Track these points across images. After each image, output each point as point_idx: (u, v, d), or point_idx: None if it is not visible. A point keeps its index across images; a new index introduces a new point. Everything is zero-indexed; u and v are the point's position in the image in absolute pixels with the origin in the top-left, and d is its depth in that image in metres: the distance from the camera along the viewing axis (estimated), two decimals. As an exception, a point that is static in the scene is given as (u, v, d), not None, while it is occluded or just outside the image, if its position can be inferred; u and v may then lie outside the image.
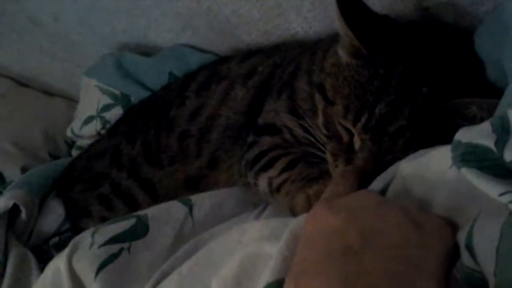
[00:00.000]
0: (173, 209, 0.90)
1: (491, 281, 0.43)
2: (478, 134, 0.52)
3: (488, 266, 0.43)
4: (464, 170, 0.50)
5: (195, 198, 0.92)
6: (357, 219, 0.51)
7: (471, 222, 0.48)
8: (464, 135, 0.55)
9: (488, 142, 0.50)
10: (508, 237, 0.43)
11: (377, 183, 0.66)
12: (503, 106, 0.55)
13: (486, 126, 0.53)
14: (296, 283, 0.49)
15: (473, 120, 0.69)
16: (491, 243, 0.43)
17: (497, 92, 0.64)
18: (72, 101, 1.64)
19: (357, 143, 0.76)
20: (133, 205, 1.09)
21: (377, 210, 0.53)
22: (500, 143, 0.49)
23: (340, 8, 0.74)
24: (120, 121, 1.30)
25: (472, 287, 0.46)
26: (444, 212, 0.54)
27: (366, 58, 0.74)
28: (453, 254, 0.49)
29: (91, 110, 1.38)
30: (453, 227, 0.51)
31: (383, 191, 0.64)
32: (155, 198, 1.08)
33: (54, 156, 1.44)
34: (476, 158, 0.50)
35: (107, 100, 1.35)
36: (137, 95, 1.32)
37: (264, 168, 0.91)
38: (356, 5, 0.77)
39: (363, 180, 0.69)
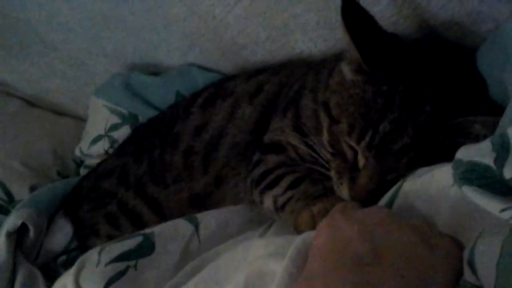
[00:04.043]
0: (179, 227, 0.90)
1: (491, 296, 0.43)
2: (478, 153, 0.53)
3: (488, 280, 0.44)
4: (464, 188, 0.50)
5: (201, 216, 0.92)
6: (370, 233, 0.52)
7: (475, 239, 0.48)
8: (465, 153, 0.55)
9: (488, 160, 0.50)
10: (509, 252, 0.43)
11: (381, 200, 0.67)
12: (503, 124, 0.55)
13: (486, 144, 0.53)
14: None
15: (477, 138, 0.69)
16: (492, 258, 0.44)
17: (500, 110, 0.64)
18: (80, 120, 1.64)
19: (361, 161, 0.76)
20: (140, 224, 1.08)
21: (389, 227, 0.53)
22: (500, 160, 0.49)
23: (345, 19, 0.74)
24: (127, 140, 1.31)
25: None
26: (447, 230, 0.55)
27: (369, 74, 0.75)
28: (461, 273, 0.49)
29: (99, 129, 1.38)
30: (461, 246, 0.52)
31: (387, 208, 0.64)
32: (162, 217, 1.08)
33: (62, 175, 1.44)
34: (476, 176, 0.51)
35: (115, 119, 1.36)
36: (144, 114, 1.33)
37: (270, 186, 0.91)
38: (364, 21, 0.77)
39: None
